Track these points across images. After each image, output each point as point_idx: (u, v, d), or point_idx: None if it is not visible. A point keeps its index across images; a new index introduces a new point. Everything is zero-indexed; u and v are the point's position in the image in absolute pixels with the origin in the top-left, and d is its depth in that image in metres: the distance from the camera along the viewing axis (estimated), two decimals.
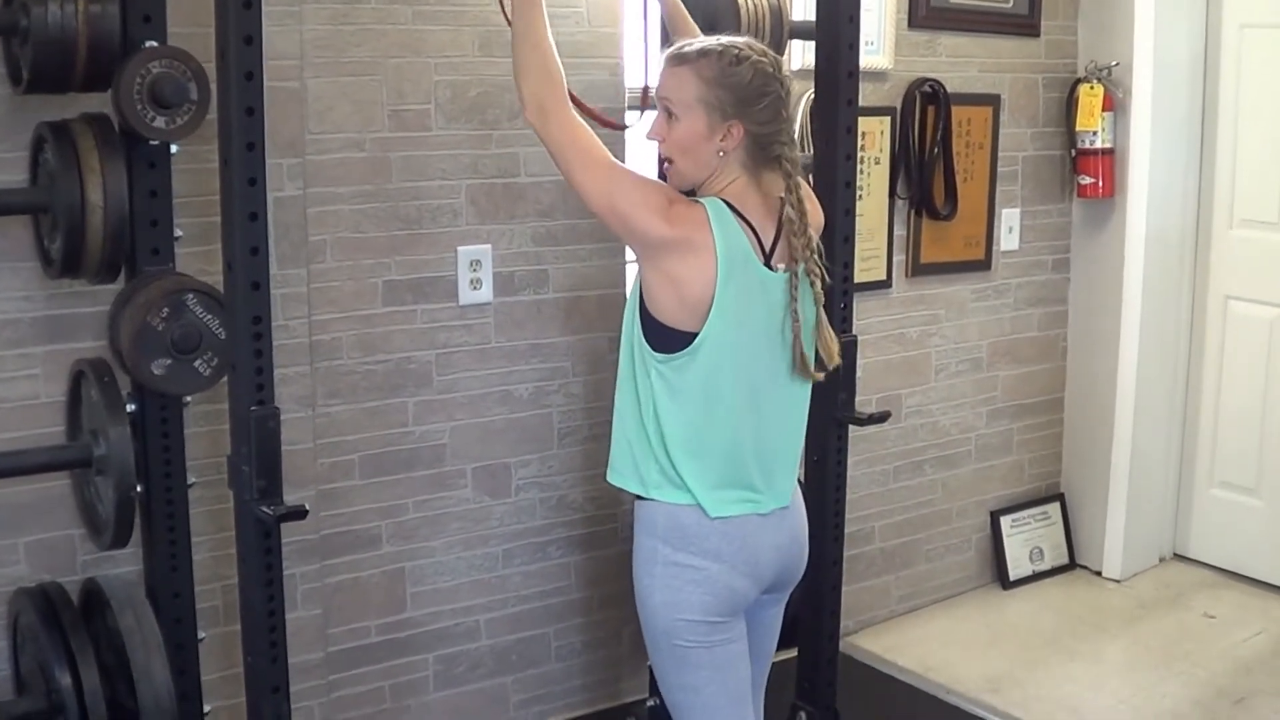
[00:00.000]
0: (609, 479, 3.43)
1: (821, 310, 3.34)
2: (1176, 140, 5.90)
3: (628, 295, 3.40)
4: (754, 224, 3.25)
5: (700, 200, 3.24)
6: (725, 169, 3.27)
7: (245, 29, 2.86)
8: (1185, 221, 6.02)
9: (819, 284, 3.30)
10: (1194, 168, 6.01)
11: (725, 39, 3.32)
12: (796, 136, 3.28)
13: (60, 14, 3.19)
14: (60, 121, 3.38)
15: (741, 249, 3.21)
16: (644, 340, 3.26)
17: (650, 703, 4.54)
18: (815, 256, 3.29)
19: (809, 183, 3.56)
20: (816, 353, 3.35)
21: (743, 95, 3.23)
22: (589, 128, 3.26)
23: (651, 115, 3.40)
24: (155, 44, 3.37)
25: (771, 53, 3.34)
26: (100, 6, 3.24)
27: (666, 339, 3.23)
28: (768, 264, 3.26)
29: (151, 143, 3.41)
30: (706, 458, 3.30)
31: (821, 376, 3.37)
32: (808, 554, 3.58)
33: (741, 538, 3.34)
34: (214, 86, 3.14)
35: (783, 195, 3.26)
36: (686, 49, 3.29)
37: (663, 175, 3.42)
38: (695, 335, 3.20)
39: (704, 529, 3.31)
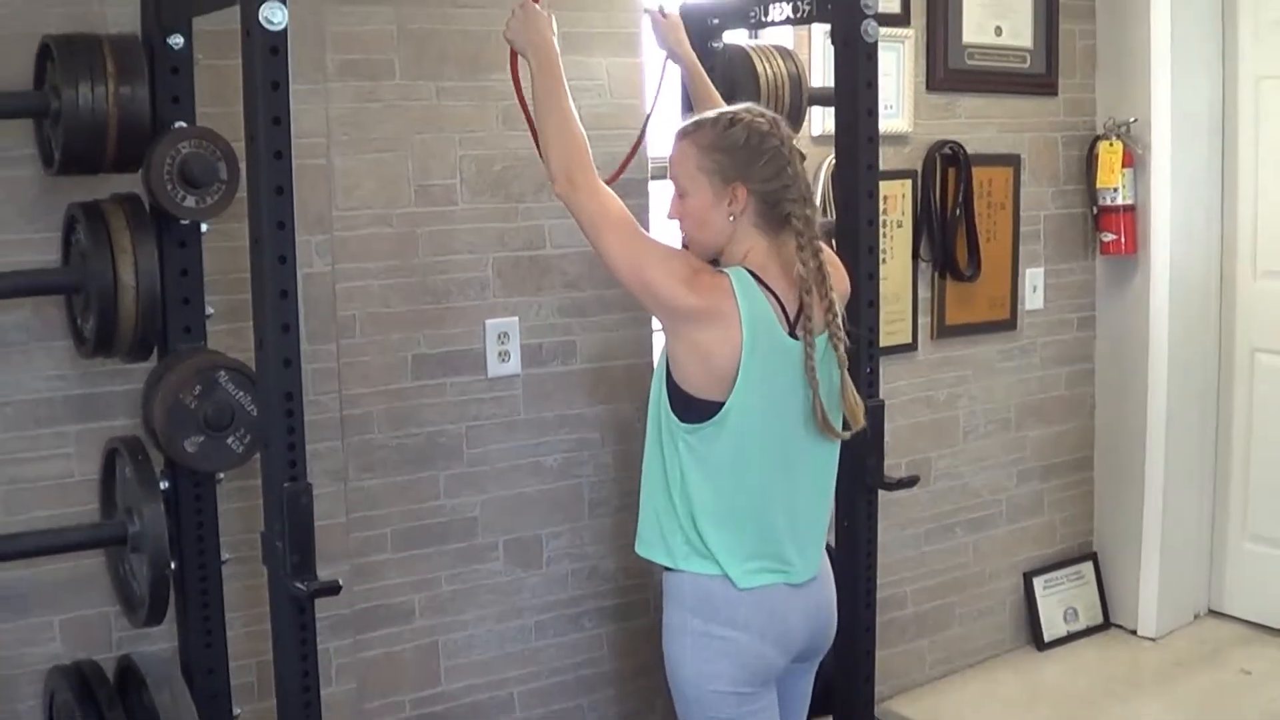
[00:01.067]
0: (637, 550, 3.46)
1: (846, 374, 3.35)
2: (1197, 194, 5.90)
3: (655, 366, 3.40)
4: (777, 292, 3.26)
5: (724, 270, 3.25)
6: (740, 234, 3.29)
7: (273, 110, 2.88)
8: (1209, 275, 6.02)
9: (841, 348, 3.32)
10: (1215, 221, 6.01)
11: (716, 110, 3.40)
12: (815, 198, 3.28)
13: (91, 96, 3.23)
14: (91, 202, 3.41)
15: (766, 317, 3.23)
16: (670, 411, 3.28)
17: None
18: (837, 320, 3.29)
19: (832, 247, 3.57)
20: (843, 417, 3.36)
21: (740, 156, 3.26)
22: (617, 197, 3.28)
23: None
24: (184, 125, 3.42)
25: (770, 113, 3.37)
26: (130, 89, 3.28)
27: (693, 409, 3.24)
28: (791, 332, 3.27)
29: (182, 222, 3.46)
30: (735, 528, 3.31)
31: (847, 435, 3.38)
32: (837, 621, 3.58)
33: (770, 608, 3.35)
34: (243, 165, 3.17)
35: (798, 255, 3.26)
36: (686, 124, 3.37)
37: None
38: (722, 405, 3.21)
39: (732, 599, 3.31)
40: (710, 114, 3.37)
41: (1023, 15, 5.59)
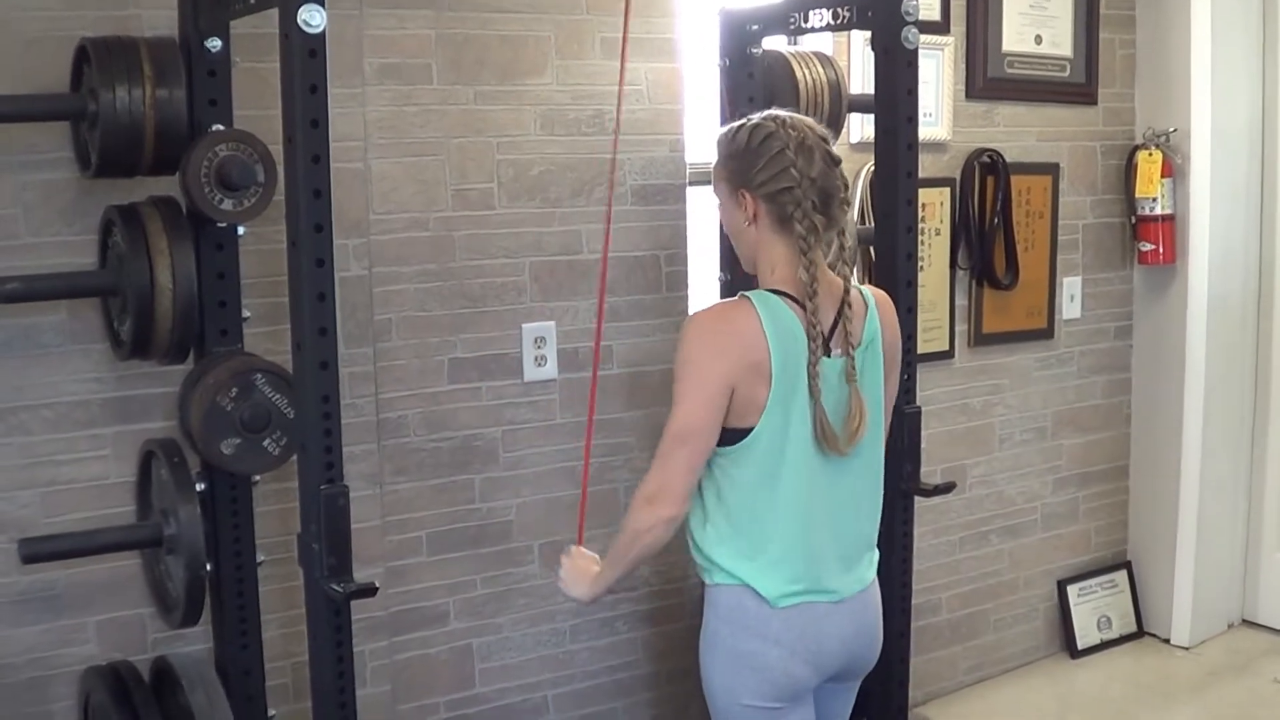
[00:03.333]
0: (691, 551, 3.45)
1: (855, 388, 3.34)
2: (1236, 204, 5.88)
3: None
4: (808, 309, 3.21)
5: (747, 298, 3.24)
6: (765, 244, 3.29)
7: (312, 113, 2.89)
8: (1247, 285, 6.00)
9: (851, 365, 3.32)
10: (1254, 231, 5.99)
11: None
12: (840, 201, 3.23)
13: (128, 99, 3.23)
14: (129, 205, 3.42)
15: (794, 342, 3.20)
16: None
17: None
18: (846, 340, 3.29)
19: (870, 255, 3.54)
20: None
21: (744, 160, 3.27)
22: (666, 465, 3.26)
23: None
24: (221, 128, 3.42)
25: (787, 114, 3.33)
26: (167, 92, 3.28)
27: (724, 433, 3.23)
28: (826, 347, 3.24)
29: (219, 225, 3.46)
30: (770, 545, 3.30)
31: (848, 452, 3.32)
32: (880, 643, 3.57)
33: (803, 625, 3.33)
34: (280, 168, 3.18)
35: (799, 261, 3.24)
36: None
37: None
38: (751, 430, 3.22)
39: (764, 614, 3.30)
40: (731, 127, 3.37)
41: (1063, 24, 5.58)
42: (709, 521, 3.32)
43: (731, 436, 3.23)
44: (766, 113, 3.34)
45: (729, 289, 4.50)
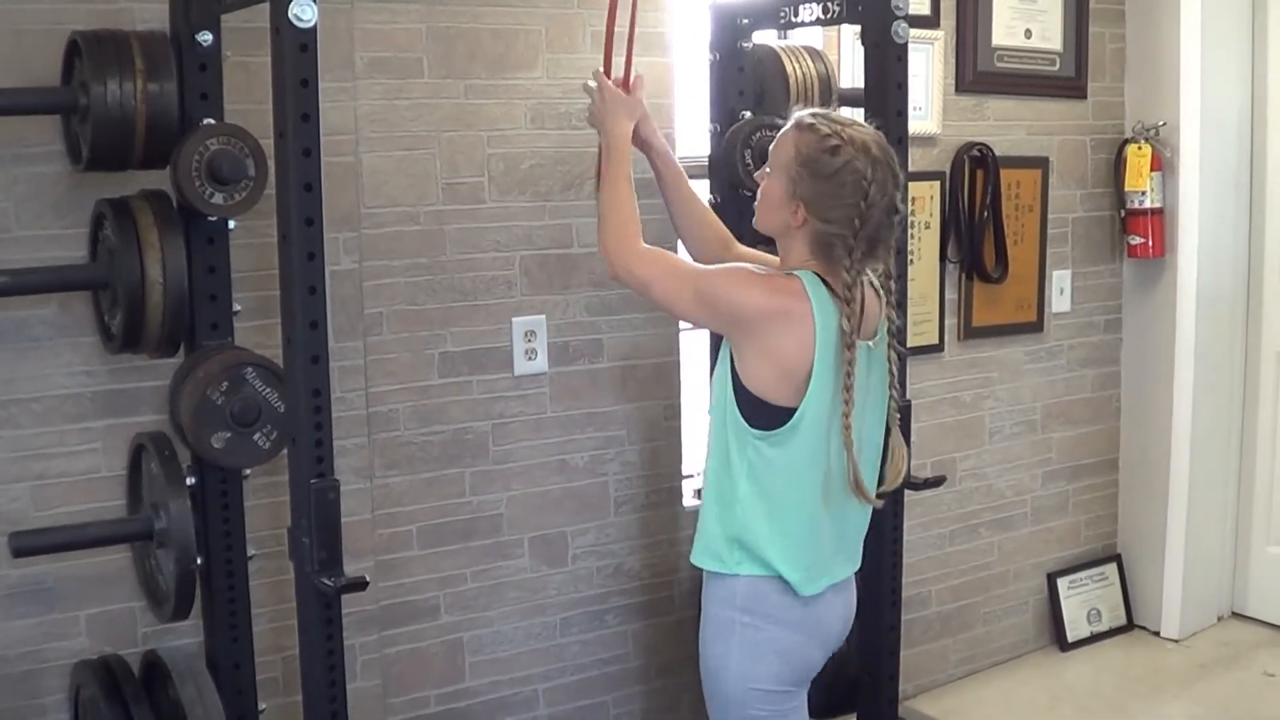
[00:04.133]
0: (693, 561, 3.45)
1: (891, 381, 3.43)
2: (1225, 198, 5.89)
3: (714, 378, 3.41)
4: (849, 304, 3.23)
5: (795, 273, 3.27)
6: (796, 244, 3.32)
7: (302, 107, 2.89)
8: (1236, 279, 6.01)
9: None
10: (1244, 225, 6.00)
11: (847, 118, 3.34)
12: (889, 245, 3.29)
13: (119, 93, 3.24)
14: (119, 198, 3.42)
15: (835, 321, 3.22)
16: (741, 418, 3.28)
17: None
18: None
19: None
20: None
21: (820, 186, 3.23)
22: (665, 251, 3.36)
23: None
24: (212, 121, 3.42)
25: (885, 154, 3.28)
26: (158, 85, 3.28)
27: (765, 415, 3.25)
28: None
29: (210, 219, 3.47)
30: (799, 532, 3.33)
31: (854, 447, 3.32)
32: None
33: (820, 613, 3.40)
34: (271, 162, 3.18)
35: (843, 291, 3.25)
36: (808, 118, 3.31)
37: None
38: (794, 411, 3.22)
39: (787, 601, 3.34)
40: (831, 119, 3.30)
41: (1052, 18, 5.59)
42: (738, 503, 3.32)
43: (772, 419, 3.25)
44: (862, 139, 3.26)
45: None
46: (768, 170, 3.36)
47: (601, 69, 3.66)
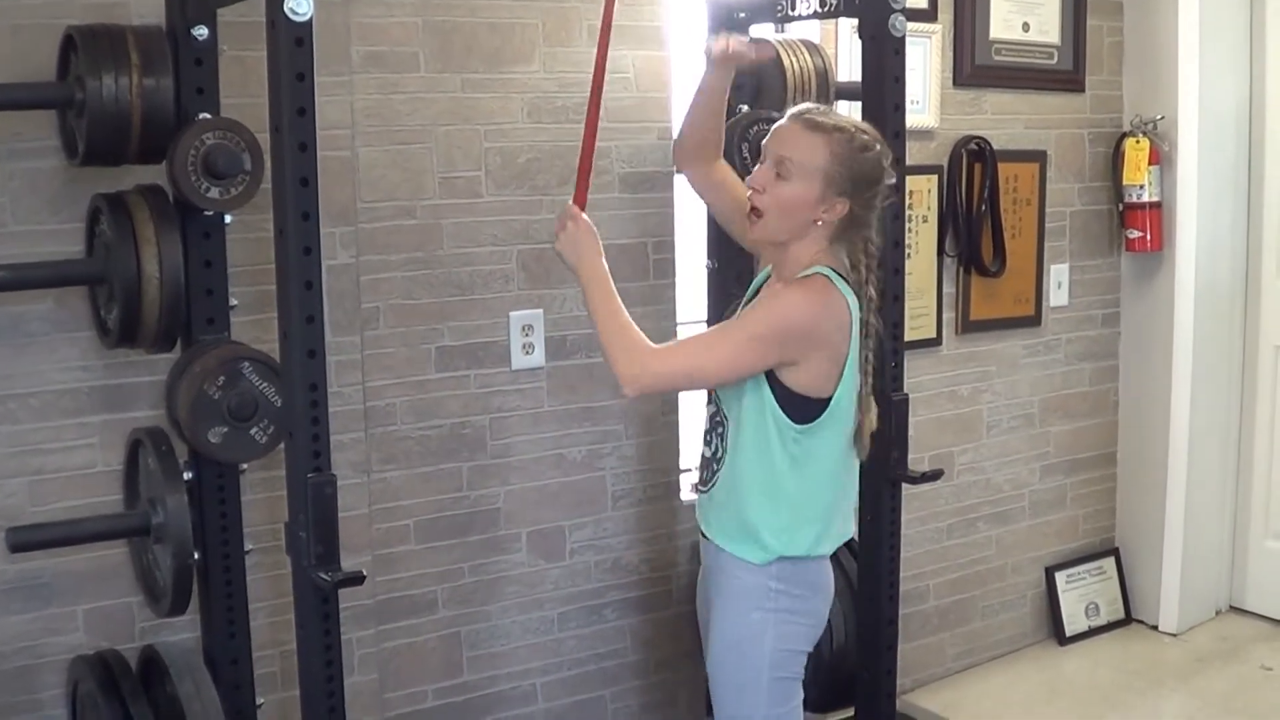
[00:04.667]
0: (734, 552, 3.53)
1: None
2: (1223, 192, 5.89)
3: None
4: (863, 293, 3.43)
5: (818, 272, 3.39)
6: (813, 237, 3.41)
7: (298, 101, 2.89)
8: (1234, 273, 6.01)
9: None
10: (1241, 219, 6.00)
11: (848, 119, 3.49)
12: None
13: (115, 87, 3.23)
14: (115, 193, 3.41)
15: (858, 311, 3.40)
16: (785, 416, 3.37)
17: None
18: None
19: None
20: None
21: (860, 181, 3.37)
22: (675, 344, 3.54)
23: None
24: (209, 116, 3.42)
25: (885, 143, 3.47)
26: (154, 80, 3.28)
27: (806, 409, 3.37)
28: None
29: (206, 213, 3.45)
30: (833, 504, 3.53)
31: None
32: None
33: (829, 568, 3.59)
34: (267, 157, 3.18)
35: (863, 275, 3.43)
36: (820, 119, 3.40)
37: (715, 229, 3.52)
38: (829, 399, 3.37)
39: (815, 566, 3.53)
40: (844, 122, 3.44)
41: (1050, 11, 5.58)
42: (784, 494, 3.45)
43: (812, 411, 3.37)
44: (870, 131, 3.46)
45: (716, 277, 4.51)
46: (783, 176, 3.38)
47: (573, 199, 3.58)
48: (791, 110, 3.48)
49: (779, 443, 3.39)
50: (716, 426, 3.53)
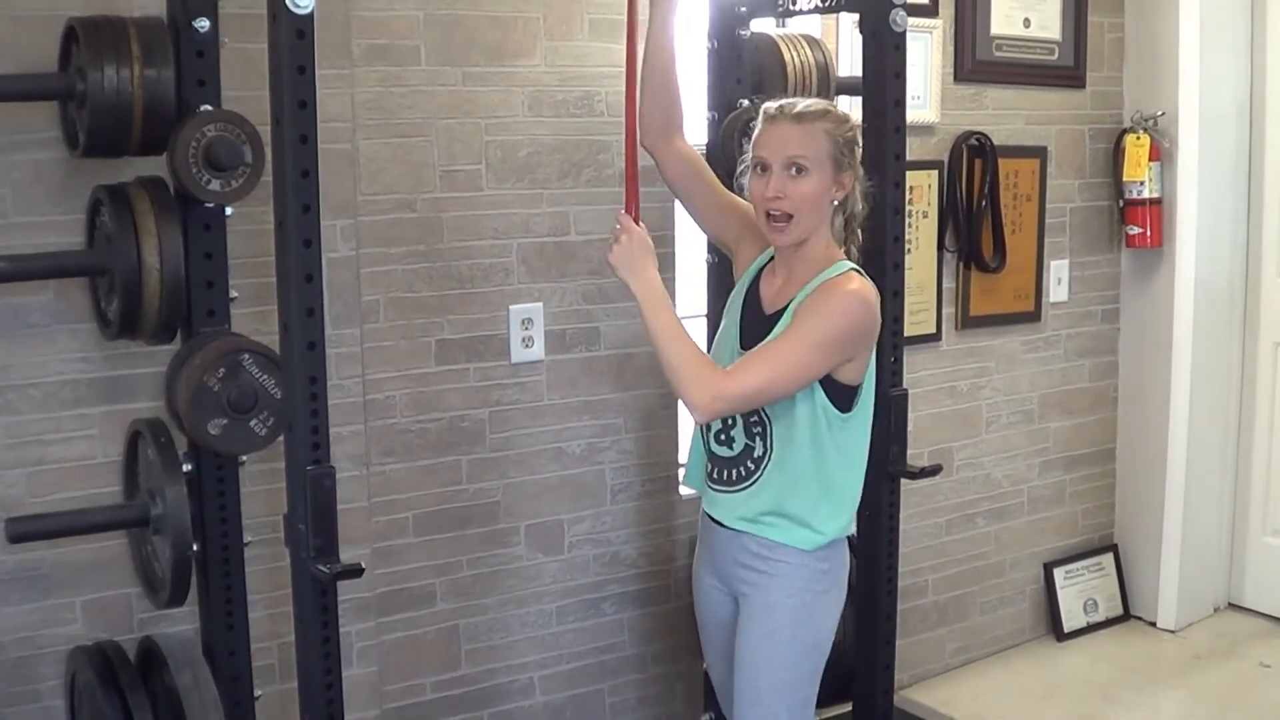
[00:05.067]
0: (786, 542, 3.56)
1: None
2: (1224, 188, 5.89)
3: None
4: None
5: (851, 269, 3.50)
6: (822, 229, 3.51)
7: (299, 94, 2.89)
8: (1234, 269, 6.01)
9: None
10: (1242, 215, 6.00)
11: (813, 100, 3.60)
12: None
13: (116, 79, 3.23)
14: (116, 185, 3.41)
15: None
16: (831, 406, 3.46)
17: None
18: None
19: (858, 237, 3.66)
20: None
21: (853, 150, 3.50)
22: (750, 364, 3.39)
23: None
24: (210, 108, 3.41)
25: None
26: (155, 72, 3.27)
27: (846, 396, 3.48)
28: None
29: (207, 205, 3.44)
30: (861, 489, 3.64)
31: None
32: None
33: None
34: (268, 149, 3.18)
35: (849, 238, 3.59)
36: (802, 110, 3.47)
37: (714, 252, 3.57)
38: (862, 384, 3.50)
39: (846, 542, 3.67)
40: (817, 103, 3.54)
41: (1051, 7, 5.58)
42: (835, 482, 3.55)
43: (851, 395, 3.49)
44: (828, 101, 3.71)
45: (716, 271, 4.50)
46: (801, 172, 3.42)
47: (625, 207, 3.51)
48: (765, 114, 3.52)
49: (828, 434, 3.46)
50: (754, 426, 3.52)
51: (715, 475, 3.65)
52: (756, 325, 3.56)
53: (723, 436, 3.59)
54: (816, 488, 3.50)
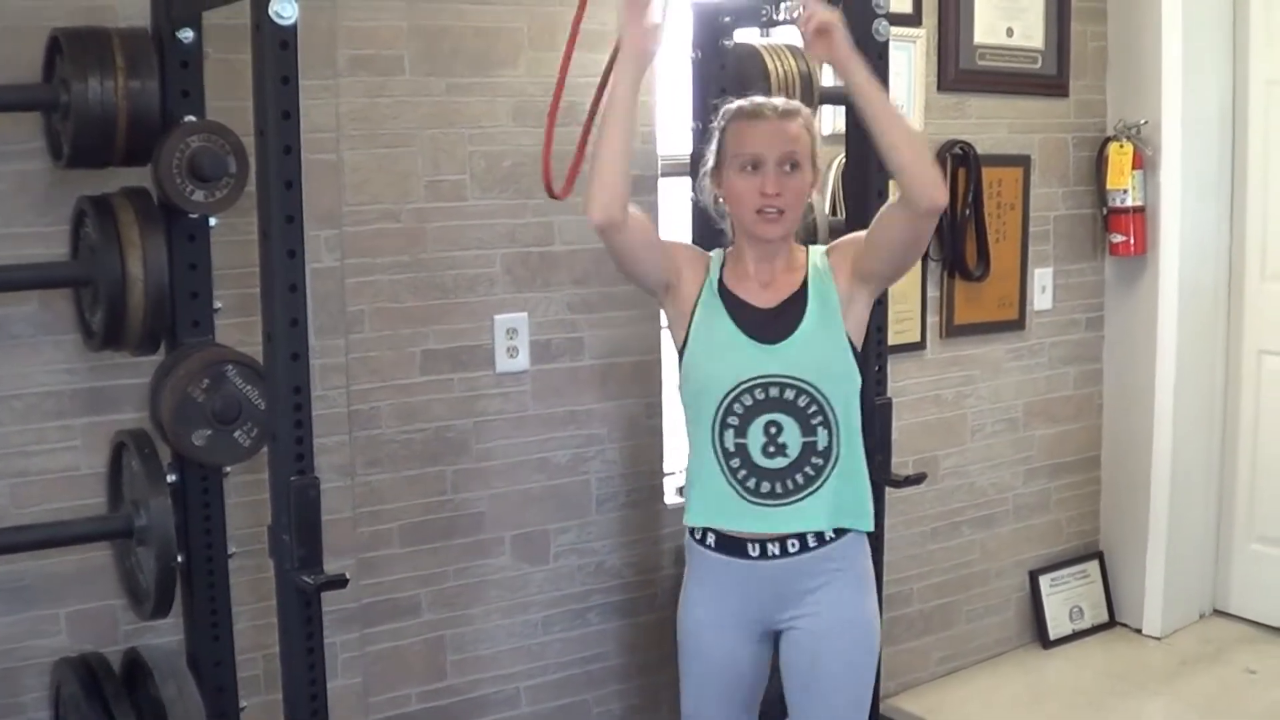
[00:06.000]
0: (858, 528, 3.58)
1: None
2: (1206, 196, 5.90)
3: (830, 368, 3.52)
4: None
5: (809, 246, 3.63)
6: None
7: (283, 104, 2.89)
8: (1217, 277, 6.02)
9: None
10: (1225, 223, 6.01)
11: (779, 99, 3.67)
12: (828, 200, 3.54)
13: (100, 90, 3.23)
14: (101, 196, 3.41)
15: None
16: (860, 374, 3.56)
17: None
18: None
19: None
20: None
21: (819, 144, 3.56)
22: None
23: None
24: (194, 119, 3.42)
25: None
26: (140, 83, 3.28)
27: (856, 359, 3.56)
28: None
29: (191, 216, 3.46)
30: None
31: None
32: None
33: None
34: (252, 160, 3.18)
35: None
36: (787, 107, 3.56)
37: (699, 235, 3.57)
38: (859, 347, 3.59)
39: None
40: (792, 100, 3.67)
41: (1034, 16, 5.59)
42: (863, 459, 3.59)
43: (856, 358, 3.56)
44: None
45: None
46: (797, 168, 3.47)
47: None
48: (741, 112, 3.55)
49: (856, 410, 3.54)
50: (814, 416, 3.43)
51: (765, 490, 3.46)
52: (762, 324, 3.50)
53: (771, 448, 3.43)
54: (861, 464, 3.56)
